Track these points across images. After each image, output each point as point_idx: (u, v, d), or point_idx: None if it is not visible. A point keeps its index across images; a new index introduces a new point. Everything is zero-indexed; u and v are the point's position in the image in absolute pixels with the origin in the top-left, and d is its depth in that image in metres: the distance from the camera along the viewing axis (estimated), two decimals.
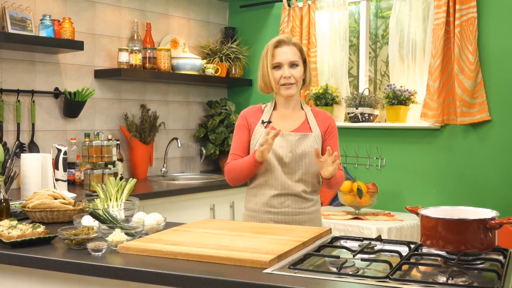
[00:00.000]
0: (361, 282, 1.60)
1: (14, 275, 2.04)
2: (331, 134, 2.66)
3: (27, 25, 3.56)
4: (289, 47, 2.59)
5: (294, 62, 2.58)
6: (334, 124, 2.70)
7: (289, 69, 2.58)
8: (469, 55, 3.77)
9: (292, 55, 2.58)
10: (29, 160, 3.06)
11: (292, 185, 2.57)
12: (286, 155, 2.57)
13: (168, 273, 1.71)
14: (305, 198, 2.60)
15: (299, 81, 2.61)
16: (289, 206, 2.58)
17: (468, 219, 1.84)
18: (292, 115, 2.67)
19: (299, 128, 2.63)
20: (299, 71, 2.59)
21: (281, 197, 2.58)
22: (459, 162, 3.94)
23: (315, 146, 2.56)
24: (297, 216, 2.59)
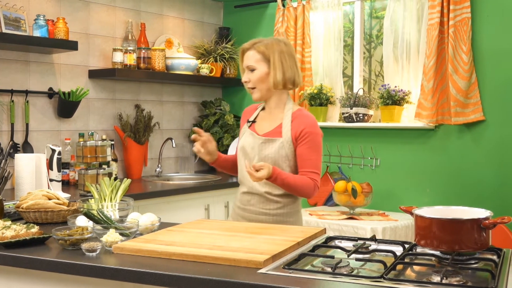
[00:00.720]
0: (355, 282, 1.60)
1: (8, 276, 2.04)
2: (304, 141, 2.57)
3: (21, 25, 3.55)
4: (250, 51, 2.64)
5: (250, 67, 2.62)
6: (311, 130, 2.59)
7: (248, 73, 2.64)
8: (463, 55, 3.78)
9: (248, 60, 2.63)
10: (23, 161, 3.05)
11: (256, 185, 2.61)
12: (254, 156, 2.62)
13: (163, 273, 1.70)
14: (271, 199, 2.60)
15: (258, 84, 2.62)
16: (254, 205, 2.63)
17: (462, 219, 1.84)
18: (272, 117, 2.68)
19: (271, 132, 2.63)
20: (255, 75, 2.61)
21: (248, 195, 2.65)
22: (453, 162, 3.95)
23: (280, 151, 2.57)
24: (260, 216, 2.60)
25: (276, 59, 2.60)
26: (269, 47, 2.61)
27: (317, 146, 2.60)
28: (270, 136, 2.61)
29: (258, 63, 2.60)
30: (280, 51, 2.61)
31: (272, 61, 2.60)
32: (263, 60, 2.60)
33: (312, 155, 2.58)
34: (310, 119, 2.63)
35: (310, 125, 2.61)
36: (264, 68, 2.60)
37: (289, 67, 2.63)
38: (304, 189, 2.55)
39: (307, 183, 2.55)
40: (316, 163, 2.59)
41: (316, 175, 2.58)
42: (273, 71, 2.60)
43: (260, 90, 2.63)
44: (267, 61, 2.60)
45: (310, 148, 2.58)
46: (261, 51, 2.60)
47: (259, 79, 2.61)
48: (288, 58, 2.64)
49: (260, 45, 2.62)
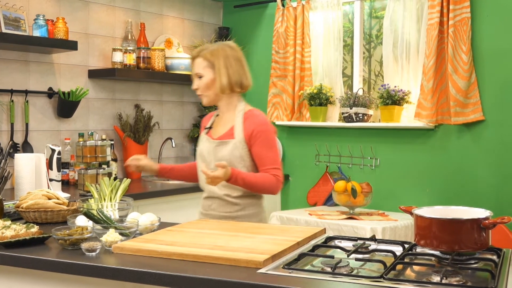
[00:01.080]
0: (355, 282, 1.60)
1: (8, 276, 2.03)
2: (258, 140, 2.60)
3: (21, 25, 3.55)
4: (197, 59, 2.69)
5: (198, 74, 2.69)
6: (261, 129, 2.62)
7: (196, 80, 2.70)
8: (462, 55, 3.78)
9: (196, 67, 2.69)
10: (23, 160, 3.05)
11: (215, 189, 2.64)
12: (210, 161, 2.66)
13: (163, 273, 1.70)
14: (230, 202, 2.63)
15: (205, 90, 2.68)
16: (215, 210, 2.66)
17: (462, 219, 1.84)
18: (225, 121, 2.73)
19: (224, 135, 2.68)
20: (202, 81, 2.67)
21: (209, 200, 2.69)
22: (453, 162, 3.95)
23: (234, 152, 2.60)
24: (222, 220, 2.60)
25: (221, 64, 2.64)
26: (214, 53, 2.65)
27: (271, 143, 2.64)
28: (224, 138, 2.66)
29: (205, 70, 2.66)
30: (225, 56, 2.65)
31: (217, 67, 2.64)
32: (209, 67, 2.65)
33: (269, 152, 2.62)
34: (261, 118, 2.68)
35: (261, 124, 2.64)
36: (210, 74, 2.66)
37: (235, 71, 2.67)
38: (266, 186, 2.58)
39: (269, 179, 2.58)
40: (275, 158, 2.63)
41: (277, 170, 2.61)
42: (218, 77, 2.65)
43: (208, 96, 2.69)
44: (212, 67, 2.65)
45: (265, 146, 2.61)
46: (207, 58, 2.65)
47: (206, 86, 2.67)
48: (234, 62, 2.67)
49: (206, 52, 2.66)
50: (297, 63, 4.52)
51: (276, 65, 4.65)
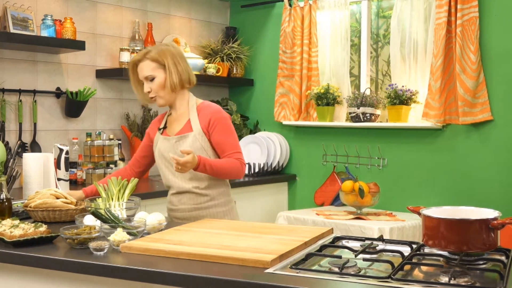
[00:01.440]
0: (363, 282, 1.60)
1: (16, 274, 2.04)
2: (216, 128, 2.66)
3: (29, 25, 3.56)
4: (143, 62, 2.66)
5: (149, 77, 2.66)
6: (218, 116, 2.68)
7: (148, 83, 2.68)
8: (470, 54, 3.77)
9: (144, 70, 2.66)
10: (31, 160, 3.06)
11: (183, 184, 2.69)
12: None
13: (170, 273, 1.71)
14: (199, 194, 2.68)
15: (159, 91, 2.67)
16: (185, 203, 2.71)
17: (471, 219, 1.84)
18: (180, 117, 2.76)
19: (181, 130, 2.71)
20: (155, 83, 2.65)
21: (178, 195, 2.73)
22: (461, 162, 3.94)
23: (195, 144, 2.64)
24: (193, 212, 2.69)
25: (170, 63, 2.66)
26: (161, 53, 2.66)
27: (229, 129, 2.70)
28: (182, 133, 2.70)
29: (155, 71, 2.66)
30: (172, 55, 2.67)
31: (167, 65, 2.65)
32: (158, 67, 2.65)
33: (228, 138, 2.67)
34: (214, 107, 2.73)
35: (216, 112, 2.69)
36: (161, 74, 2.66)
37: (183, 68, 2.70)
38: (233, 170, 2.64)
39: (234, 163, 2.64)
40: (235, 143, 2.69)
41: (239, 153, 2.68)
42: (169, 75, 2.65)
43: (163, 97, 2.69)
44: (162, 67, 2.66)
45: (223, 133, 2.67)
46: (154, 59, 2.65)
47: (159, 86, 2.67)
48: (180, 60, 2.70)
49: (152, 54, 2.65)
50: (304, 63, 4.51)
51: (283, 65, 4.65)
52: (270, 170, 4.59)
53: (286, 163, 4.71)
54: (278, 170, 4.66)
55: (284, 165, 4.70)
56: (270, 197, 4.54)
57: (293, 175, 4.70)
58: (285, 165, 4.71)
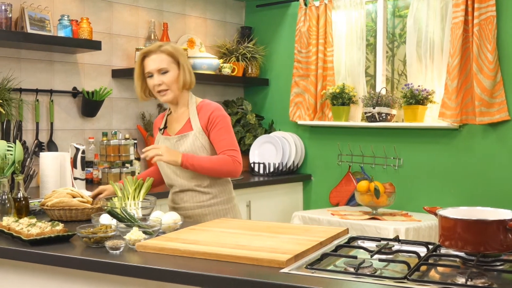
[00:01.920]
0: (378, 283, 1.59)
1: (33, 273, 2.06)
2: (213, 125, 2.66)
3: (46, 25, 3.59)
4: (157, 54, 2.65)
5: (162, 69, 2.64)
6: (217, 114, 2.68)
7: (159, 76, 2.65)
8: (488, 54, 3.73)
9: (159, 62, 2.64)
10: (47, 159, 3.09)
11: (185, 182, 2.69)
12: None
13: (186, 272, 1.71)
14: (201, 192, 2.69)
15: (172, 85, 2.66)
16: (187, 201, 2.71)
17: (488, 220, 1.82)
18: (180, 117, 2.77)
19: (182, 129, 2.72)
20: (169, 77, 2.64)
21: (180, 194, 2.73)
22: (478, 162, 3.90)
23: (195, 143, 2.64)
24: (196, 210, 2.70)
25: (184, 61, 2.68)
26: (175, 50, 2.68)
27: (227, 127, 2.69)
28: (182, 132, 2.71)
29: (170, 65, 2.65)
30: (183, 55, 2.71)
31: (181, 63, 2.67)
32: (173, 62, 2.66)
33: (225, 135, 2.67)
34: (214, 105, 2.73)
35: (215, 110, 2.70)
36: (176, 69, 2.66)
37: (191, 68, 2.73)
38: (223, 167, 2.63)
39: (225, 160, 2.62)
40: (231, 141, 2.68)
41: (234, 151, 2.66)
42: (183, 73, 2.67)
43: (173, 91, 2.68)
44: (176, 63, 2.66)
45: (221, 129, 2.67)
46: (171, 54, 2.65)
47: (173, 81, 2.66)
48: (187, 60, 2.74)
49: (167, 48, 2.66)
50: (320, 62, 4.50)
51: (299, 64, 4.64)
52: (285, 170, 4.58)
53: (301, 163, 4.70)
54: (293, 170, 4.65)
55: (299, 165, 4.69)
56: (285, 197, 4.54)
57: (308, 175, 4.69)
58: (300, 165, 4.70)
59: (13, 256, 2.05)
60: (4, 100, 3.41)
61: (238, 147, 2.71)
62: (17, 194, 2.46)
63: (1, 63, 3.56)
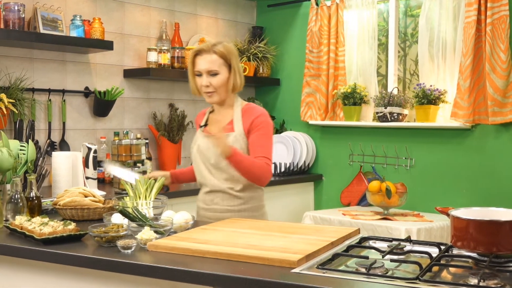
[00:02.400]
0: (390, 283, 1.59)
1: (45, 271, 2.07)
2: (256, 129, 2.61)
3: (58, 25, 3.61)
4: (209, 55, 2.59)
5: (212, 71, 2.59)
6: (261, 119, 2.63)
7: (208, 77, 2.60)
8: (500, 53, 3.71)
9: (210, 64, 2.58)
10: (60, 158, 3.10)
11: (218, 183, 2.66)
12: (210, 157, 2.65)
13: (197, 271, 1.71)
14: (234, 195, 2.65)
15: (219, 88, 2.61)
16: (218, 204, 2.67)
17: (500, 220, 1.81)
18: (223, 117, 2.72)
19: (223, 129, 2.64)
20: (218, 79, 2.59)
21: (211, 194, 2.70)
22: (490, 162, 3.88)
23: (235, 145, 2.58)
24: (225, 213, 2.64)
25: (235, 64, 2.63)
26: (228, 51, 2.61)
27: (268, 134, 2.63)
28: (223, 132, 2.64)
29: (221, 67, 2.60)
30: (236, 56, 2.65)
31: (233, 66, 2.61)
32: (224, 65, 2.60)
33: (264, 141, 2.61)
34: (260, 110, 2.69)
35: (260, 115, 2.65)
36: (225, 72, 2.61)
37: (242, 71, 2.69)
38: (259, 171, 2.56)
39: (262, 165, 2.57)
40: (268, 150, 2.61)
41: (269, 161, 2.61)
42: (234, 76, 2.63)
43: (219, 94, 2.64)
44: (227, 66, 2.61)
45: (261, 135, 2.61)
46: (222, 55, 2.59)
47: (221, 84, 2.61)
48: (239, 62, 2.68)
49: (220, 48, 2.59)
50: (331, 62, 4.49)
51: (310, 64, 4.64)
52: (296, 170, 4.58)
53: (312, 163, 4.69)
54: (304, 170, 4.65)
55: (310, 165, 4.68)
56: (296, 197, 4.53)
57: (319, 175, 4.68)
58: (311, 165, 4.70)
59: (25, 255, 2.06)
60: (17, 100, 3.44)
61: (272, 159, 2.65)
62: (30, 193, 2.48)
63: (14, 63, 3.59)
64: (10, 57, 3.58)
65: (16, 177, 2.45)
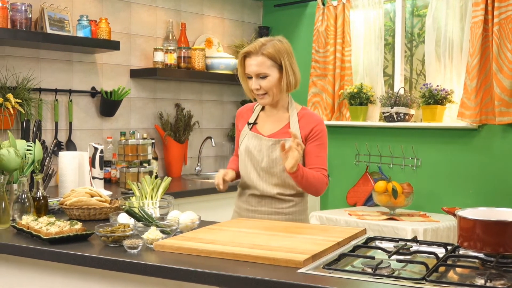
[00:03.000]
0: (396, 284, 1.58)
1: (52, 271, 2.08)
2: (315, 139, 2.54)
3: (65, 25, 3.62)
4: (257, 57, 2.49)
5: (261, 74, 2.50)
6: (321, 128, 2.56)
7: (258, 80, 2.51)
8: (508, 53, 3.69)
9: (258, 67, 2.49)
10: (66, 158, 3.11)
11: (268, 188, 2.57)
12: (262, 159, 2.56)
13: (203, 271, 1.71)
14: (282, 199, 2.57)
15: (270, 90, 2.51)
16: (265, 205, 2.59)
17: (507, 220, 1.80)
18: (276, 118, 2.62)
19: (278, 132, 2.58)
20: (268, 81, 2.49)
21: (258, 197, 2.61)
22: (497, 162, 3.86)
23: None
24: (273, 215, 2.57)
25: (287, 63, 2.51)
26: (277, 50, 2.49)
27: (326, 144, 2.58)
28: (278, 137, 2.56)
29: (270, 69, 2.49)
30: (288, 53, 2.53)
31: (284, 65, 2.50)
32: (273, 66, 2.49)
33: (322, 152, 2.55)
34: (318, 117, 2.61)
35: (319, 123, 2.58)
36: (276, 73, 2.50)
37: (296, 67, 2.56)
38: (319, 185, 2.51)
39: (323, 180, 2.52)
40: (325, 161, 2.56)
41: (326, 172, 2.55)
42: (286, 76, 2.50)
43: (271, 95, 2.53)
44: (278, 66, 2.50)
45: (320, 146, 2.55)
46: (271, 57, 2.48)
47: (272, 85, 2.50)
48: (293, 58, 2.56)
49: (268, 49, 2.49)
50: (337, 62, 4.49)
51: (316, 64, 4.63)
52: None
53: None
54: None
55: None
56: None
57: None
58: None
59: (32, 255, 2.07)
60: (24, 100, 3.45)
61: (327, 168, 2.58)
62: (37, 193, 2.49)
63: (21, 63, 3.60)
64: (17, 57, 3.59)
65: (23, 177, 2.46)
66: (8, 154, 2.51)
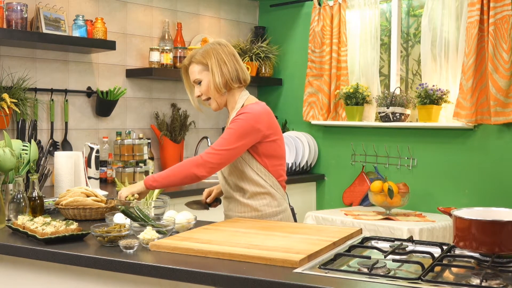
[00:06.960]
0: (392, 283, 1.59)
1: (47, 271, 2.08)
2: (230, 123, 2.50)
3: (61, 25, 3.62)
4: (191, 66, 2.58)
5: (196, 80, 2.57)
6: (241, 117, 2.47)
7: (198, 87, 2.58)
8: (503, 53, 3.70)
9: (192, 74, 2.58)
10: (62, 158, 3.11)
11: (229, 189, 2.62)
12: None
13: (199, 271, 1.71)
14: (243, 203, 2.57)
15: (209, 93, 2.54)
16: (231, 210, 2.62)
17: (503, 220, 1.80)
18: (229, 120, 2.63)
19: None
20: (203, 86, 2.55)
21: (227, 200, 2.66)
22: (492, 162, 3.87)
23: None
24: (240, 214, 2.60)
25: (213, 64, 2.52)
26: (205, 54, 2.54)
27: (236, 130, 2.45)
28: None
29: (201, 73, 2.55)
30: (217, 54, 2.53)
31: (210, 67, 2.53)
32: (204, 70, 2.54)
33: (226, 134, 2.47)
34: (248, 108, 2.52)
35: (242, 113, 2.50)
36: (208, 76, 2.54)
37: (230, 67, 2.54)
38: (183, 171, 2.44)
39: (184, 163, 2.45)
40: (221, 141, 2.45)
41: (213, 150, 2.43)
42: (212, 77, 2.52)
43: (215, 99, 2.56)
44: (207, 69, 2.55)
45: (228, 129, 2.49)
46: (199, 62, 2.54)
47: (207, 89, 2.55)
48: (226, 58, 2.54)
49: (196, 56, 2.56)
50: (333, 62, 4.49)
51: (312, 64, 4.64)
52: (299, 169, 4.58)
53: (314, 162, 4.69)
54: (307, 170, 4.65)
55: (312, 165, 4.68)
56: (298, 197, 4.53)
57: (322, 175, 4.68)
58: (313, 164, 4.70)
59: (28, 255, 2.06)
60: (20, 100, 3.44)
61: (228, 151, 2.43)
62: (32, 193, 2.48)
63: (16, 63, 3.59)
64: (13, 57, 3.58)
65: (18, 177, 2.45)
66: (3, 154, 2.50)
